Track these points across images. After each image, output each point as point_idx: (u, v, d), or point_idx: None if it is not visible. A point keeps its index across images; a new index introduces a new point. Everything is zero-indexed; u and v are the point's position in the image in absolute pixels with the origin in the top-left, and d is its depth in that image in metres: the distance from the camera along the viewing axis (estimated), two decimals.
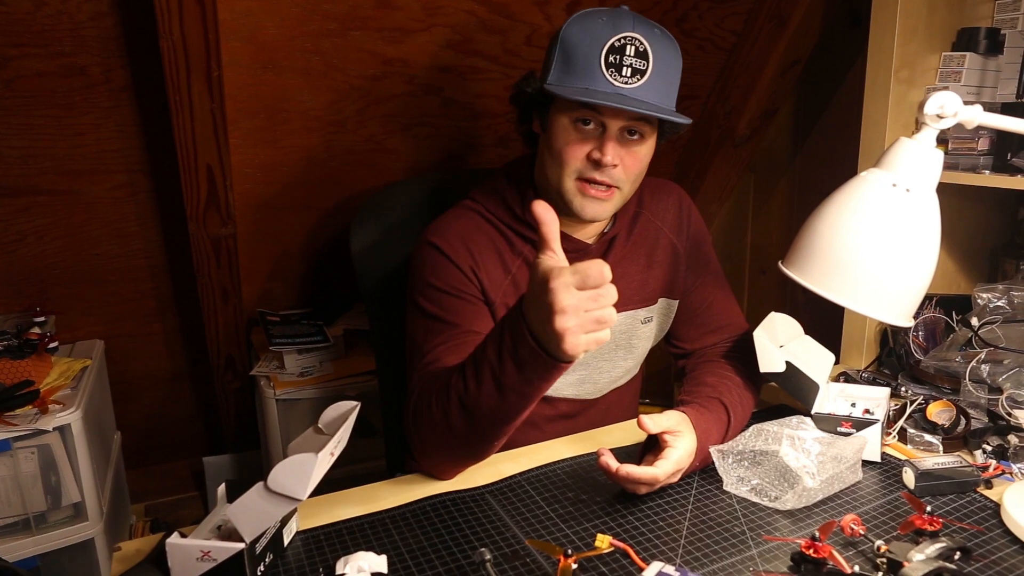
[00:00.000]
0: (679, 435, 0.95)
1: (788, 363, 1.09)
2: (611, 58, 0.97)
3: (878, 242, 0.88)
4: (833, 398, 1.14)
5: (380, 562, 0.81)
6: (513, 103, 1.12)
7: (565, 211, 1.06)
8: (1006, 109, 1.26)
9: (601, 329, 0.76)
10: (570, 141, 1.01)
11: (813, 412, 1.08)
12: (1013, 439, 1.06)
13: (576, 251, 1.12)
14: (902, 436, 1.13)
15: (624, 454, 0.97)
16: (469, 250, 1.08)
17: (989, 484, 0.99)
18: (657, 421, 0.94)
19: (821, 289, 0.90)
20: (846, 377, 1.33)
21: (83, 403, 1.58)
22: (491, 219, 1.11)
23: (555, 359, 0.78)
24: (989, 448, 1.07)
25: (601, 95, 0.96)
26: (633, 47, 0.97)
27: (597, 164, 1.00)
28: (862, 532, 0.86)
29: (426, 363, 1.01)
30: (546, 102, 1.04)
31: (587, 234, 1.13)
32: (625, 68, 0.97)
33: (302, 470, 0.76)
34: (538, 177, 1.10)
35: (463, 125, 1.82)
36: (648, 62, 0.97)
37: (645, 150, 1.04)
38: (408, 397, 1.00)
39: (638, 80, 0.97)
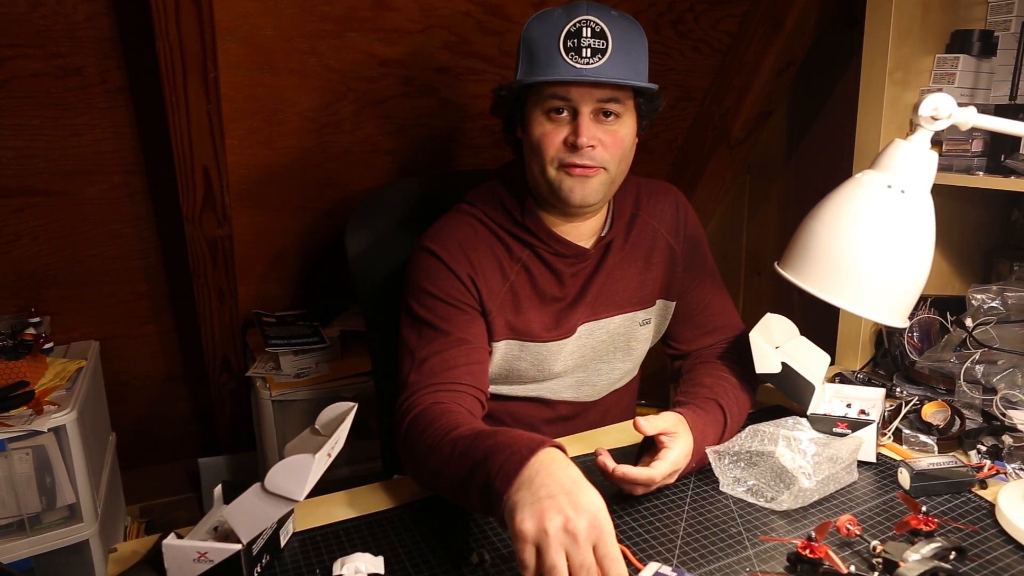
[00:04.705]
0: (675, 436, 0.95)
1: (784, 364, 1.10)
2: (569, 43, 0.99)
3: (873, 243, 0.88)
4: (828, 399, 1.15)
5: (377, 563, 0.81)
6: (494, 114, 1.13)
7: (556, 203, 1.07)
8: (999, 111, 1.26)
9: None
10: (545, 131, 1.03)
11: (809, 413, 1.09)
12: (1007, 439, 1.07)
13: (574, 256, 1.12)
14: (897, 437, 1.13)
15: (621, 455, 0.98)
16: (468, 258, 1.07)
17: (984, 484, 1.00)
18: (653, 423, 0.94)
19: (817, 290, 0.91)
20: (841, 378, 1.33)
21: (78, 404, 1.58)
22: (490, 225, 1.11)
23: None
24: (984, 448, 1.07)
25: (562, 76, 0.98)
26: (589, 28, 0.99)
27: (574, 147, 1.01)
28: (858, 532, 0.86)
29: (416, 378, 1.00)
30: (521, 104, 1.06)
31: (584, 235, 1.13)
32: (584, 50, 0.98)
33: (299, 471, 0.76)
34: (528, 177, 1.11)
35: (459, 126, 1.82)
36: (607, 41, 0.99)
37: (624, 129, 1.05)
38: (402, 416, 0.98)
39: (599, 59, 0.99)
